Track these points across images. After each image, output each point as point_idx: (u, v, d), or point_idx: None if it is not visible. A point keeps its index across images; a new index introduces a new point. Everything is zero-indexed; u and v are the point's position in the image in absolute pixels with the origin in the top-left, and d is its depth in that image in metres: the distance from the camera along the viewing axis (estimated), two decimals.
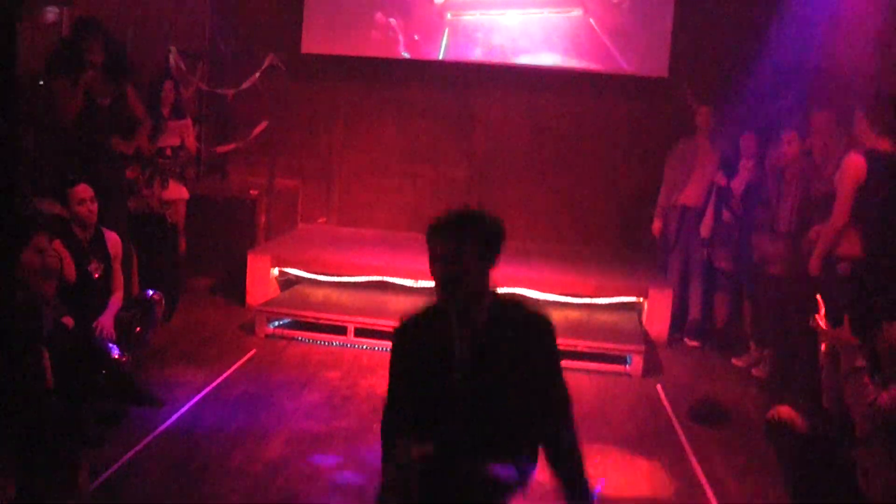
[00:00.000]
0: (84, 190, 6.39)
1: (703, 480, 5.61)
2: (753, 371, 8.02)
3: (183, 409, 6.29)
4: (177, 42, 9.91)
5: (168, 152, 8.57)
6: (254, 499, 5.03)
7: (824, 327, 4.78)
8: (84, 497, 4.76)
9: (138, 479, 5.22)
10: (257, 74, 10.26)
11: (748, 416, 6.88)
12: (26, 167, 7.58)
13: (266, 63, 10.27)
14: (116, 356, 6.04)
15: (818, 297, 4.97)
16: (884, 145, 6.33)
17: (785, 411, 4.84)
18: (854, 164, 6.35)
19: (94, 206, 6.41)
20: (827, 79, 8.20)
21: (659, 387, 7.47)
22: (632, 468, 5.80)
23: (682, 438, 6.34)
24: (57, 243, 6.15)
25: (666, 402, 7.09)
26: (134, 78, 8.24)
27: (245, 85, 10.27)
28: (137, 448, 5.57)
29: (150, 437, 5.75)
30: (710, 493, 5.45)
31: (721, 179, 8.49)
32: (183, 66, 9.88)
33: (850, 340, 4.67)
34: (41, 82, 7.78)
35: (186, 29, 10.39)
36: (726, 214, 8.46)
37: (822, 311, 4.83)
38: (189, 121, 8.93)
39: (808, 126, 7.46)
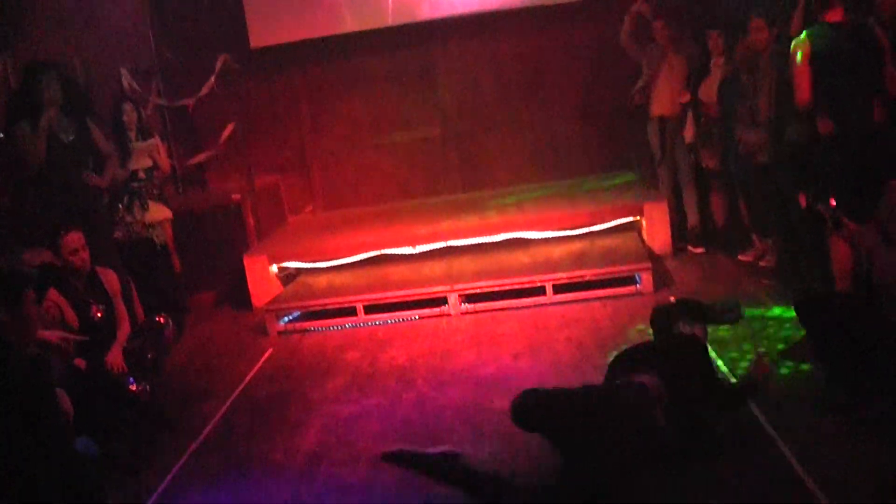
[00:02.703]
0: (76, 239, 6.26)
1: (727, 373, 5.63)
2: (761, 263, 8.05)
3: (214, 420, 6.30)
4: (125, 63, 9.83)
5: (142, 175, 8.50)
6: (301, 491, 5.05)
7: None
8: None
9: (184, 497, 5.24)
10: (213, 79, 10.17)
11: (765, 307, 6.90)
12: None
13: (219, 65, 10.17)
14: (133, 389, 6.02)
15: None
16: (834, 17, 6.31)
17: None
18: (798, 42, 6.35)
19: (87, 254, 6.32)
20: None
21: (672, 299, 7.47)
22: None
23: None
24: (53, 292, 6.12)
25: None
26: (93, 111, 8.19)
27: (203, 92, 10.19)
28: (176, 468, 5.59)
29: (186, 455, 5.76)
30: None
31: (683, 97, 8.49)
32: (137, 85, 9.79)
33: (856, 228, 4.77)
34: (1, 134, 7.71)
35: (132, 48, 10.27)
36: (701, 122, 8.45)
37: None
38: (156, 139, 8.86)
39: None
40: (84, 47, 9.23)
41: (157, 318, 6.82)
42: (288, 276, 9.28)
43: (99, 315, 6.35)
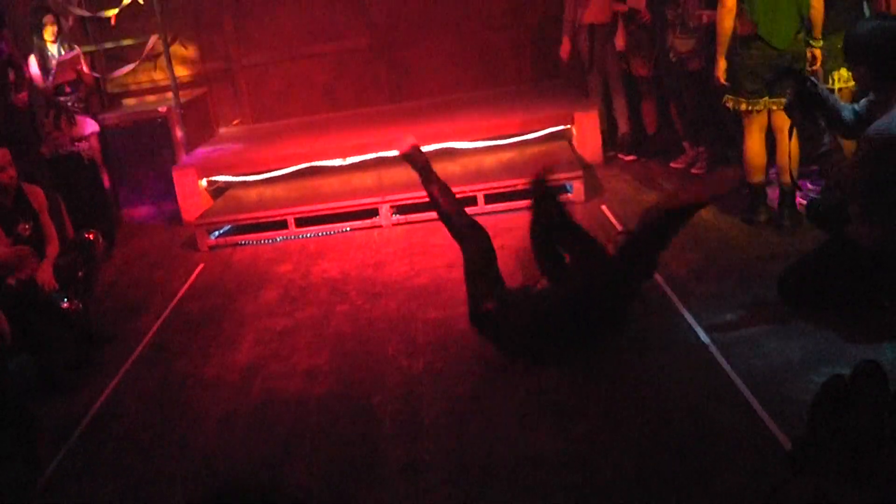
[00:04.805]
0: (2, 156, 6.14)
1: (662, 282, 5.72)
2: (693, 170, 8.11)
3: (147, 337, 6.28)
4: None
5: (67, 88, 8.37)
6: (237, 405, 5.07)
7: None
8: (42, 469, 4.75)
9: (121, 413, 5.24)
10: None
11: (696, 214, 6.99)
12: None
13: None
14: (66, 306, 5.96)
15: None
16: None
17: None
18: None
19: (13, 171, 6.16)
20: None
21: (604, 207, 7.54)
22: None
23: None
24: None
25: (614, 220, 7.16)
26: (4, 22, 7.97)
27: (125, 2, 9.94)
28: (112, 384, 5.59)
29: (122, 372, 5.75)
30: (672, 296, 5.56)
31: (619, 7, 8.43)
32: None
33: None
34: None
35: None
36: (633, 26, 8.43)
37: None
38: (79, 51, 8.69)
39: None
40: None
41: (87, 235, 6.71)
42: (217, 190, 9.20)
43: (28, 233, 6.25)
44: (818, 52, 6.28)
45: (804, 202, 6.31)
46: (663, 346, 4.96)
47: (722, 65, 6.46)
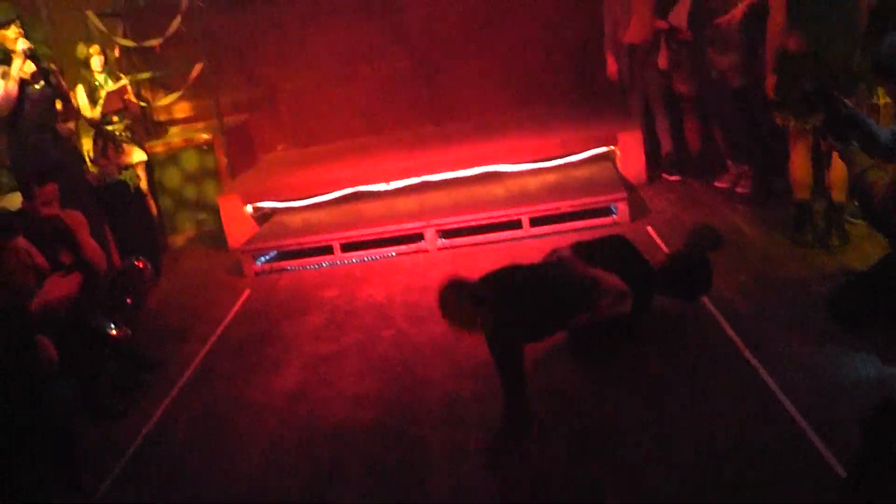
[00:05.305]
0: (52, 191, 6.17)
1: (708, 302, 5.65)
2: (737, 189, 8.02)
3: (195, 363, 6.32)
4: (90, 5, 9.69)
5: (114, 118, 8.51)
6: (282, 430, 5.08)
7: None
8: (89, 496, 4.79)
9: (168, 439, 5.28)
10: (178, 18, 10.02)
11: (742, 234, 6.93)
12: None
13: (184, 4, 10.02)
14: (114, 333, 6.01)
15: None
16: None
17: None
18: None
19: (57, 205, 6.22)
20: None
21: (649, 228, 7.48)
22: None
23: None
24: (22, 239, 6.07)
25: (660, 241, 7.11)
26: (55, 57, 8.11)
27: (169, 32, 10.06)
28: (160, 410, 5.63)
29: (169, 398, 5.79)
30: (718, 316, 5.50)
31: (661, 24, 8.38)
32: (103, 27, 9.67)
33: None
34: None
35: None
36: (674, 44, 8.38)
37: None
38: (125, 81, 8.82)
39: None
40: None
41: (136, 262, 6.79)
42: (263, 216, 9.24)
43: (69, 259, 6.31)
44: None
45: (852, 220, 6.25)
46: (709, 366, 4.91)
47: (771, 80, 6.41)
